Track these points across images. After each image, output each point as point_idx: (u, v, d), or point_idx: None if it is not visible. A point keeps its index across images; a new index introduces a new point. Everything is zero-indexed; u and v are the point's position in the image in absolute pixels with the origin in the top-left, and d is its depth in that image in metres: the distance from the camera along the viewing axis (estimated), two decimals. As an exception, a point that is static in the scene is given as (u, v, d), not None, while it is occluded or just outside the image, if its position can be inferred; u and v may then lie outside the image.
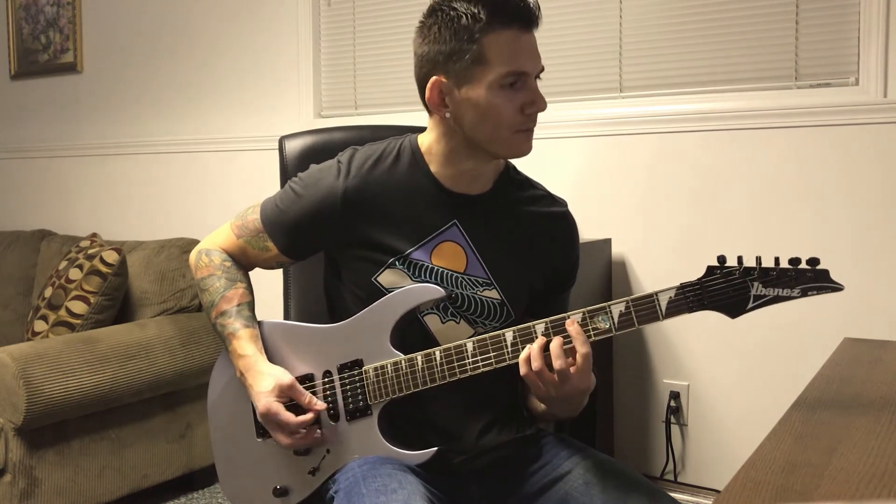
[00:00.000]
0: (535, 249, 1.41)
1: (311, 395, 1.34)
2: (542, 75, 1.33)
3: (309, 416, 1.32)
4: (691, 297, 1.18)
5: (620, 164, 2.46)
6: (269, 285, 1.82)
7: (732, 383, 2.34)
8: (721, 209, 2.33)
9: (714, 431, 2.38)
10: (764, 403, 2.29)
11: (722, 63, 2.35)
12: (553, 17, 2.55)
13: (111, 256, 2.66)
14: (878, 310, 2.14)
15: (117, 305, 2.72)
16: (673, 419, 2.42)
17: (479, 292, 1.37)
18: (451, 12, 1.28)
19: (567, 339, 1.21)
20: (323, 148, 1.68)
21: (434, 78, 1.31)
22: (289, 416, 1.31)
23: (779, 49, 2.27)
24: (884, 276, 2.14)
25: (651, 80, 2.44)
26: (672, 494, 1.33)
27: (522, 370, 1.22)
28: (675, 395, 2.42)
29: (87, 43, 3.58)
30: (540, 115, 1.33)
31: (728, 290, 1.17)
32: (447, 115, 1.32)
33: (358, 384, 1.34)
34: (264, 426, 1.36)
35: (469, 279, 1.37)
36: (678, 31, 2.40)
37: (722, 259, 1.18)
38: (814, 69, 2.24)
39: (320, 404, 1.34)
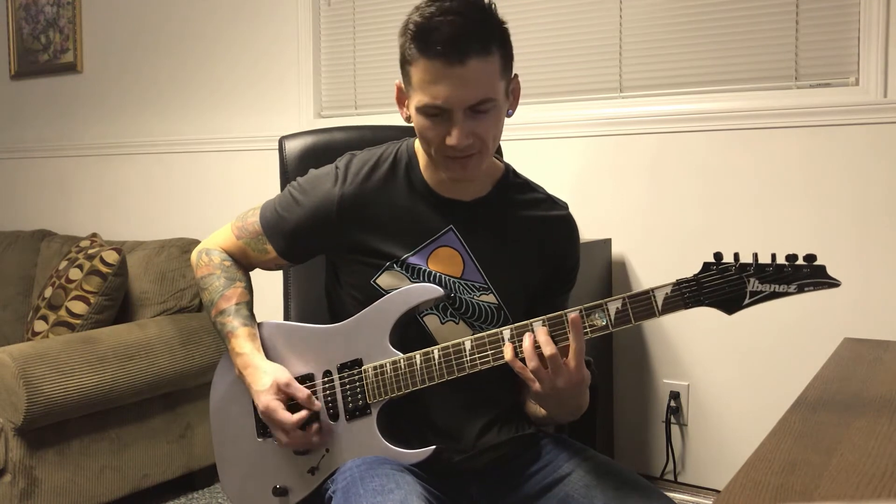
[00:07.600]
0: (534, 253, 1.41)
1: (308, 391, 1.34)
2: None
3: (303, 413, 1.32)
4: (687, 293, 1.18)
5: (620, 164, 2.46)
6: (269, 286, 1.82)
7: (732, 383, 2.34)
8: (721, 209, 2.33)
9: (714, 431, 2.38)
10: (764, 403, 2.28)
11: (722, 63, 2.35)
12: (553, 17, 2.55)
13: (111, 256, 2.66)
14: (878, 310, 2.14)
15: (117, 305, 2.72)
16: (673, 419, 2.42)
17: (476, 297, 1.37)
18: (408, 23, 1.25)
19: (556, 329, 1.22)
20: (323, 148, 1.68)
21: (399, 80, 1.32)
22: (285, 415, 1.32)
23: (779, 49, 2.27)
24: (884, 276, 2.14)
25: (651, 80, 2.44)
26: (672, 494, 1.33)
27: (516, 367, 1.22)
28: (675, 395, 2.41)
29: (87, 43, 3.58)
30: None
31: (724, 286, 1.17)
32: (407, 115, 1.33)
33: (357, 384, 1.34)
34: (267, 424, 1.36)
35: (466, 284, 1.37)
36: (678, 31, 2.40)
37: (718, 255, 1.18)
38: (814, 69, 2.24)
39: (317, 403, 1.34)
